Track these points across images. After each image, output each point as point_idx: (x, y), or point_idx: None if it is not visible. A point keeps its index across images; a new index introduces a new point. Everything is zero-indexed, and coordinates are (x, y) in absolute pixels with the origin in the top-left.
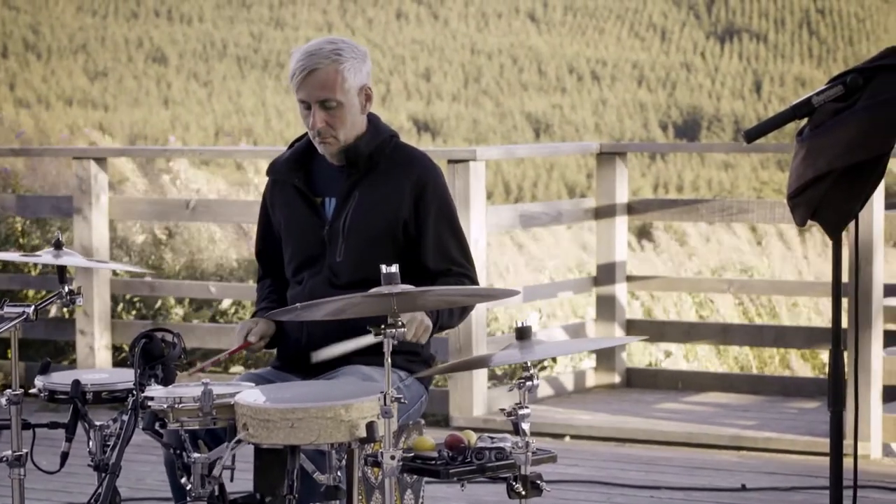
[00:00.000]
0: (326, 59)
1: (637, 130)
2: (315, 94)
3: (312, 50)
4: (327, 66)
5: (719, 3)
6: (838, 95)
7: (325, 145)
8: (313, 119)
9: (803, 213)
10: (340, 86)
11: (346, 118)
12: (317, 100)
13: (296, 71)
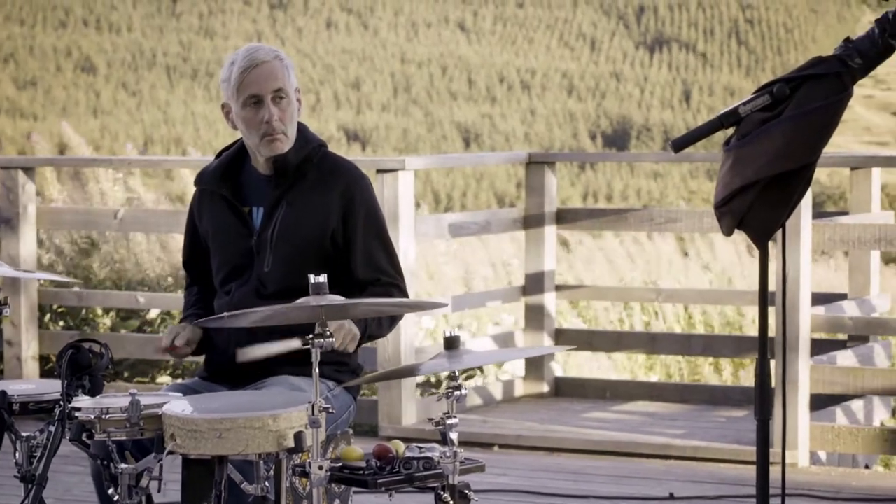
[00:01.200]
0: (270, 54)
1: (566, 140)
2: (268, 85)
3: (254, 48)
4: (273, 60)
5: (649, 12)
6: (765, 105)
7: (276, 143)
8: (268, 113)
9: (730, 223)
10: (287, 80)
11: (293, 115)
12: (270, 90)
13: (244, 65)
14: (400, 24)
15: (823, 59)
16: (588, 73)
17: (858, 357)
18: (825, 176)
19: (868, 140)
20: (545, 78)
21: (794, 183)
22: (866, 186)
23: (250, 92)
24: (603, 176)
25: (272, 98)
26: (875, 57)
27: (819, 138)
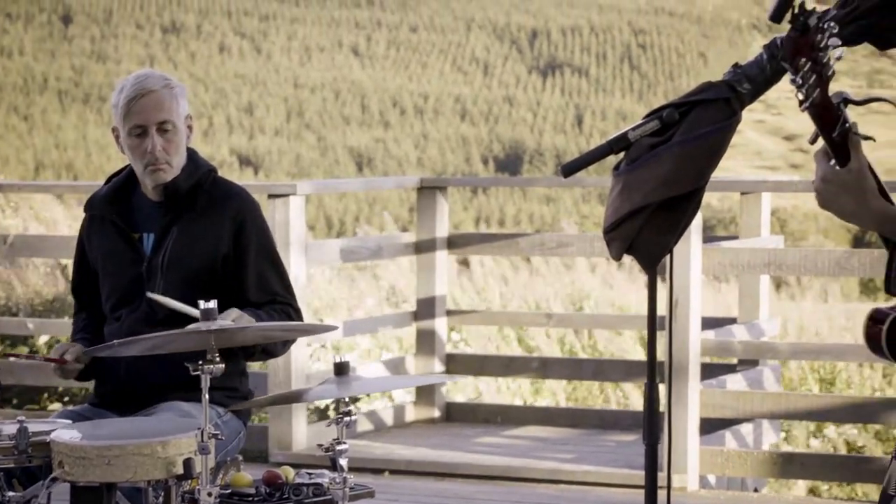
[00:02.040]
0: (159, 82)
1: (459, 164)
2: (153, 116)
3: (143, 76)
4: (161, 89)
5: (541, 37)
6: (655, 130)
7: (160, 173)
8: (151, 143)
9: (619, 248)
10: (175, 110)
11: (180, 145)
12: (155, 122)
13: (130, 94)
14: (293, 49)
15: (713, 85)
16: (481, 98)
17: (748, 381)
18: (716, 200)
19: (759, 165)
20: (438, 102)
21: (683, 208)
22: (756, 211)
23: (135, 122)
24: (496, 200)
25: (157, 129)
26: (763, 82)
27: (708, 163)
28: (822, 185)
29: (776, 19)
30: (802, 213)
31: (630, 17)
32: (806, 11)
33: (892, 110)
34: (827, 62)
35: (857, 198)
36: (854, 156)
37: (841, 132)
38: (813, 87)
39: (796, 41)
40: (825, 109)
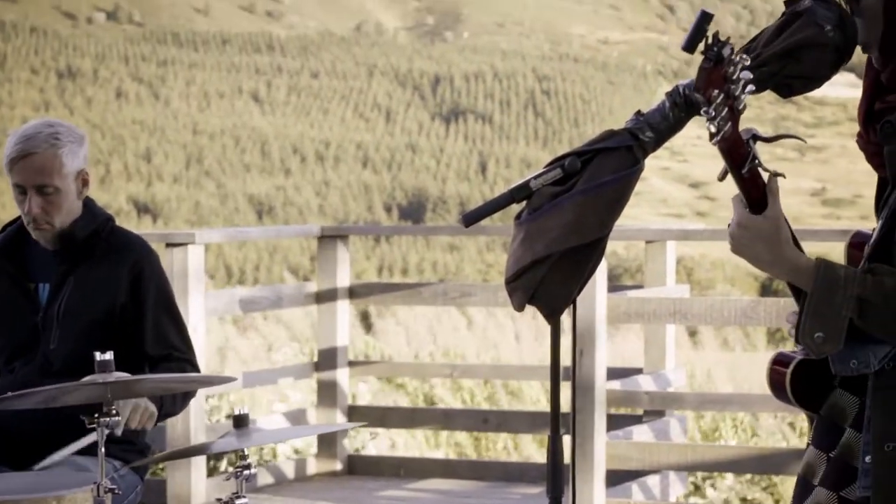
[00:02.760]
0: (44, 143)
1: (361, 212)
2: (32, 178)
3: (30, 133)
4: (45, 150)
5: (444, 83)
6: (557, 179)
7: (40, 231)
8: (29, 205)
9: (521, 298)
10: (58, 171)
11: (63, 204)
12: (33, 185)
13: (12, 154)
14: (192, 95)
15: (615, 133)
16: (383, 145)
17: (654, 432)
18: (622, 248)
19: (665, 212)
20: (340, 149)
21: (586, 257)
22: (661, 259)
23: (15, 181)
24: (398, 249)
25: (36, 191)
26: (666, 130)
27: (611, 212)
28: (738, 230)
29: (689, 49)
30: (709, 262)
31: (534, 64)
32: (720, 41)
33: (797, 157)
34: (739, 95)
35: (773, 246)
36: (771, 203)
37: (750, 168)
38: (724, 121)
39: (709, 72)
40: (735, 144)
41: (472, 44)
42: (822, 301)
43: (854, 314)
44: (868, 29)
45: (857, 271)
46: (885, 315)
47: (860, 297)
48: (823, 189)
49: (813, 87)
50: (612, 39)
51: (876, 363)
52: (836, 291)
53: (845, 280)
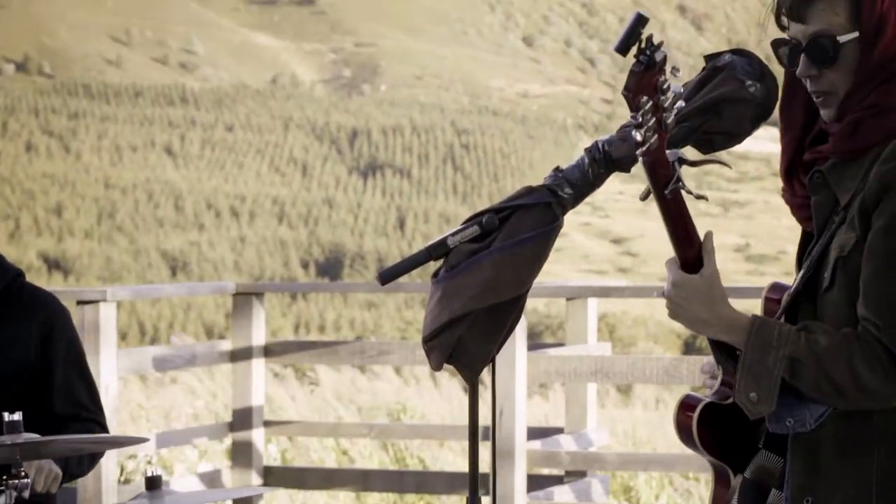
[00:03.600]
0: None
1: (277, 268)
2: None
3: None
4: None
5: (362, 137)
6: (474, 236)
7: None
8: None
9: (439, 357)
10: None
11: None
12: None
13: None
14: (104, 148)
15: (533, 189)
16: (300, 200)
17: (575, 492)
18: (542, 305)
19: (586, 268)
20: (255, 204)
21: (504, 315)
22: (582, 317)
23: None
24: (315, 306)
25: None
26: (585, 186)
27: (529, 269)
28: (674, 290)
29: (622, 50)
30: (632, 318)
31: (453, 117)
32: (653, 45)
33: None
34: (668, 107)
35: (708, 305)
36: (707, 261)
37: (673, 190)
38: (651, 132)
39: (640, 77)
40: (660, 161)
41: (389, 97)
42: (755, 360)
43: (786, 374)
44: (837, 81)
45: (791, 329)
46: (817, 375)
47: (792, 357)
48: (747, 245)
49: (734, 142)
50: (533, 92)
51: (812, 422)
52: (769, 350)
53: (778, 339)
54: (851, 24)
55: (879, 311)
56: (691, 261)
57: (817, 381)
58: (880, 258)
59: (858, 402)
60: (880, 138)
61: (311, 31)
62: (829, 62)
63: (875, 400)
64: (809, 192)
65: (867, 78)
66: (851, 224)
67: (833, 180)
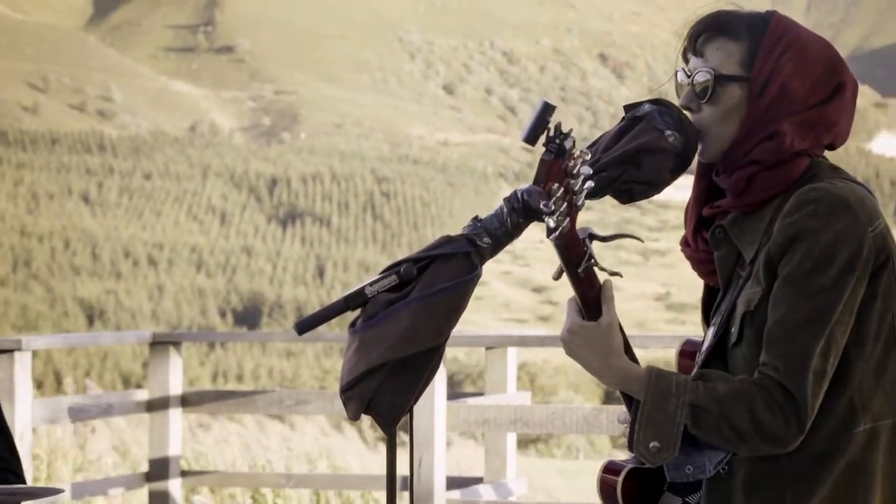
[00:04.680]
0: None
1: (195, 317)
2: None
3: None
4: None
5: (281, 185)
6: (392, 285)
7: None
8: None
9: (356, 407)
10: None
11: None
12: None
13: None
14: (20, 195)
15: (452, 239)
16: (218, 248)
17: None
18: (463, 354)
19: (507, 317)
20: (173, 252)
21: (422, 365)
22: (502, 366)
23: None
24: (234, 355)
25: None
26: (504, 236)
27: (447, 320)
28: (569, 336)
29: (530, 140)
30: (552, 367)
31: (373, 165)
32: (562, 134)
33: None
34: (579, 191)
35: (601, 355)
36: (606, 310)
37: (586, 268)
38: (563, 216)
39: (550, 165)
40: (572, 242)
41: (309, 145)
42: (654, 410)
43: (688, 421)
44: (713, 121)
45: (688, 378)
46: (718, 422)
47: (693, 405)
48: (668, 293)
49: (653, 192)
50: (453, 141)
51: (711, 469)
52: (668, 400)
53: (677, 387)
54: (743, 68)
55: (781, 355)
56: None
57: (719, 427)
58: (784, 306)
59: (759, 448)
60: (778, 192)
61: (230, 78)
62: (707, 98)
63: (775, 445)
64: (712, 248)
65: (751, 130)
66: (757, 278)
67: (735, 234)
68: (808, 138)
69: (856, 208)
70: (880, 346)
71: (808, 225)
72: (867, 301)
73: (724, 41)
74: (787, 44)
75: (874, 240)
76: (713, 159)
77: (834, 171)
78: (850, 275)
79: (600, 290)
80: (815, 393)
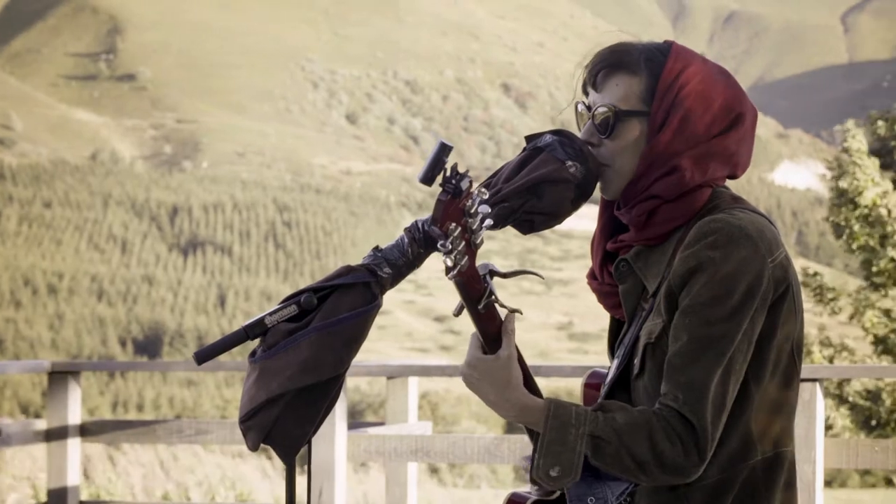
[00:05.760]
0: None
1: (96, 346)
2: None
3: None
4: None
5: (182, 214)
6: (292, 315)
7: None
8: None
9: (255, 437)
10: None
11: None
12: None
13: None
14: None
15: (352, 269)
16: (119, 277)
17: None
18: (365, 384)
19: (409, 346)
20: (73, 281)
21: (322, 395)
22: (403, 395)
23: None
24: (134, 384)
25: None
26: (405, 266)
27: (348, 350)
28: (468, 370)
29: (427, 181)
30: (455, 397)
31: (275, 194)
32: (458, 174)
33: (545, 291)
34: (477, 229)
35: (499, 388)
36: (505, 344)
37: (486, 304)
38: (461, 255)
39: (447, 205)
40: (472, 279)
41: (211, 174)
42: (553, 440)
43: (588, 451)
44: (615, 155)
45: (588, 410)
46: (619, 452)
47: (592, 435)
48: (570, 323)
49: (554, 223)
50: (355, 170)
51: (613, 500)
52: (568, 430)
53: (577, 418)
54: (643, 103)
55: (680, 384)
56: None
57: (619, 457)
58: (684, 337)
59: (661, 478)
60: (679, 224)
61: (131, 106)
62: (607, 132)
63: (676, 475)
64: (617, 281)
65: (651, 165)
66: (658, 310)
67: (639, 268)
68: (707, 170)
69: (756, 239)
70: (778, 377)
71: (707, 256)
72: (766, 331)
73: (623, 76)
74: (686, 76)
75: (774, 270)
76: (615, 196)
77: (735, 202)
78: (750, 305)
79: (501, 324)
80: (714, 422)
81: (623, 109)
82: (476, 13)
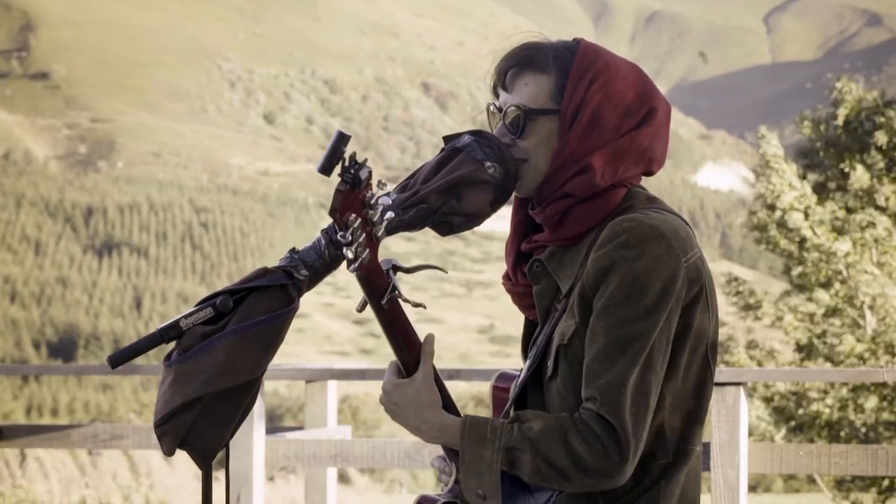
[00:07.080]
0: None
1: (9, 349)
2: None
3: None
4: None
5: (97, 215)
6: (208, 318)
7: None
8: None
9: (171, 442)
10: None
11: None
12: None
13: None
14: None
15: (269, 271)
16: (32, 278)
17: None
18: (284, 388)
19: (329, 350)
20: None
21: (239, 399)
22: (322, 399)
23: None
24: (48, 388)
25: None
26: (322, 268)
27: (265, 352)
28: (385, 396)
29: (325, 171)
30: (375, 401)
31: (191, 195)
32: (357, 164)
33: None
34: (378, 221)
35: (416, 410)
36: (422, 367)
37: (390, 299)
38: (362, 247)
39: (346, 195)
40: (374, 273)
41: (126, 174)
42: (473, 458)
43: (505, 465)
44: (531, 151)
45: (504, 422)
46: (535, 460)
47: (507, 447)
48: (492, 325)
49: (473, 224)
50: (273, 171)
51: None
52: (485, 446)
53: (492, 432)
54: (553, 101)
55: (598, 386)
56: (411, 364)
57: (536, 466)
58: (601, 339)
59: (585, 483)
60: (593, 224)
61: (45, 105)
62: (518, 132)
63: (600, 477)
64: (531, 281)
65: (564, 164)
66: (571, 311)
67: (553, 268)
68: (619, 168)
69: (669, 238)
70: (692, 378)
71: (620, 255)
72: (680, 332)
73: (532, 75)
74: (595, 73)
75: (688, 270)
76: (529, 193)
77: (650, 202)
78: (665, 303)
79: (407, 323)
80: (636, 420)
81: (533, 108)
82: (395, 12)
